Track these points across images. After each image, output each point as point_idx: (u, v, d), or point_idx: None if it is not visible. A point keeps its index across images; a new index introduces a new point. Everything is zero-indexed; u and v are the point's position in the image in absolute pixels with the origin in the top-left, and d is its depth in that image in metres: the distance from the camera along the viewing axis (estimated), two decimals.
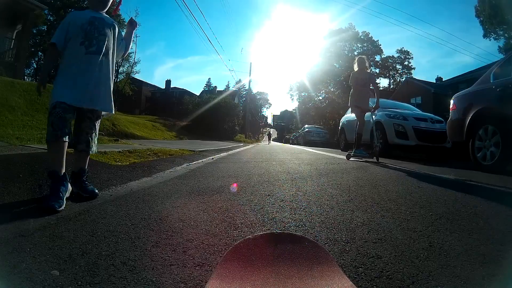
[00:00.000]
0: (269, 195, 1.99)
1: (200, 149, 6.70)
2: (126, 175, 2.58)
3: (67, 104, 1.65)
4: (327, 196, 2.00)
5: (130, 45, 2.11)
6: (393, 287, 0.83)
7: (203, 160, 4.47)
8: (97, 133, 1.89)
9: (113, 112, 1.89)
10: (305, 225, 1.39)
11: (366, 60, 5.63)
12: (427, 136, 6.47)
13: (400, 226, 1.37)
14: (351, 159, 5.28)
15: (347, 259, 1.01)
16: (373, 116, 7.22)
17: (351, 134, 8.63)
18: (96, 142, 1.88)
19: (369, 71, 5.84)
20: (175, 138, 15.78)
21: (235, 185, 2.31)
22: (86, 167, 1.88)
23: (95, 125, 1.86)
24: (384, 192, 2.17)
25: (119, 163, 3.41)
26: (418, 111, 7.86)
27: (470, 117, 4.48)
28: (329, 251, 1.08)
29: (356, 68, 5.59)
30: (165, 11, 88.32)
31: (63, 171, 1.65)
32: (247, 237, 0.95)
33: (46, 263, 0.94)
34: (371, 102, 5.72)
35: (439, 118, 7.18)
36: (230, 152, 7.40)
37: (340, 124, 9.95)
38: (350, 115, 9.33)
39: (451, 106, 5.15)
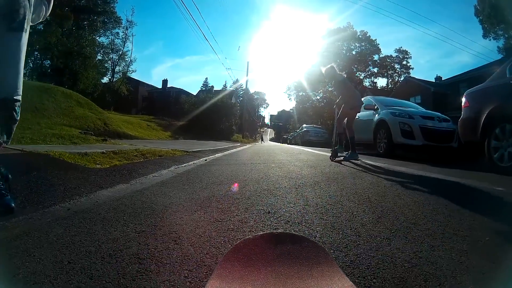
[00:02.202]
0: (269, 212, 1.58)
1: (194, 150, 6.31)
2: (100, 181, 2.19)
3: None
4: (345, 213, 1.58)
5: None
6: None
7: (195, 162, 4.07)
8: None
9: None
10: None
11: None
12: (434, 136, 6.13)
13: (459, 263, 0.98)
14: (337, 158, 4.95)
15: None
16: (376, 115, 6.90)
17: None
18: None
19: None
20: (170, 138, 15.36)
21: (225, 195, 1.92)
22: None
23: None
24: (413, 203, 1.79)
25: (99, 166, 3.03)
26: (423, 109, 7.52)
27: (485, 115, 4.13)
28: None
29: (336, 75, 5.20)
30: (162, 9, 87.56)
31: None
32: (247, 237, 0.93)
33: None
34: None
35: (446, 116, 6.84)
36: (225, 152, 7.01)
37: None
38: None
39: (463, 104, 4.80)
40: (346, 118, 5.08)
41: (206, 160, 4.45)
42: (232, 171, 3.30)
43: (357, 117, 5.32)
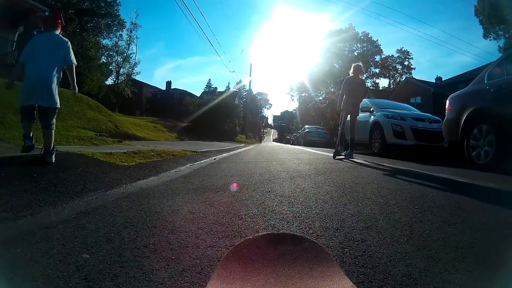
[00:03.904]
0: (269, 191, 2.14)
1: (202, 150, 6.84)
2: (134, 174, 2.73)
3: None
4: (323, 192, 2.16)
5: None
6: (373, 264, 0.97)
7: (205, 160, 4.62)
8: None
9: None
10: (301, 216, 1.54)
11: (362, 68, 5.87)
12: (425, 136, 6.61)
13: (387, 218, 1.52)
14: (337, 157, 5.44)
15: (335, 242, 1.18)
16: (372, 117, 7.39)
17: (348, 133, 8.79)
18: None
19: (363, 78, 6.09)
20: (176, 139, 15.96)
21: (237, 184, 2.46)
22: None
23: None
24: (377, 188, 2.32)
25: (125, 164, 3.57)
26: (416, 111, 8.00)
27: (465, 117, 4.62)
28: (321, 236, 1.23)
29: (351, 73, 5.77)
30: (165, 11, 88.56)
31: None
32: (247, 237, 0.97)
33: (75, 249, 1.08)
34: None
35: (437, 118, 7.31)
36: (231, 152, 7.56)
37: None
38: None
39: (446, 106, 5.29)
40: (348, 119, 5.59)
41: (215, 159, 5.00)
42: (240, 167, 3.85)
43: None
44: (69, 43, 3.12)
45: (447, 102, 5.33)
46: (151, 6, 76.65)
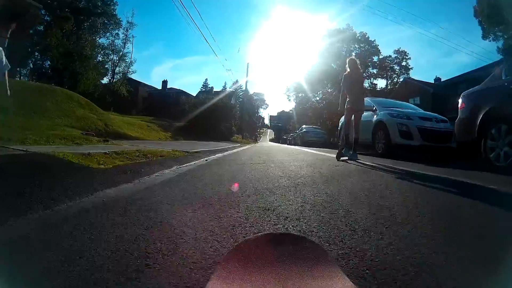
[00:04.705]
0: (269, 209, 1.63)
1: (194, 150, 6.38)
2: (105, 180, 2.25)
3: None
4: (342, 211, 1.59)
5: None
6: None
7: (195, 162, 4.14)
8: None
9: None
10: None
11: (357, 61, 5.49)
12: (432, 136, 6.21)
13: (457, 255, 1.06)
14: (341, 158, 5.03)
15: None
16: (375, 116, 6.98)
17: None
18: None
19: (361, 71, 5.66)
20: (171, 139, 15.44)
21: (226, 195, 1.99)
22: None
23: None
24: (402, 202, 1.87)
25: (102, 166, 3.09)
26: (421, 111, 7.61)
27: (481, 115, 4.22)
28: None
29: (348, 69, 5.36)
30: (161, 10, 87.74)
31: None
32: (247, 237, 0.94)
33: None
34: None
35: (444, 117, 6.93)
36: (225, 153, 7.08)
37: (340, 124, 9.65)
38: None
39: (459, 105, 4.89)
40: (352, 118, 5.16)
41: (206, 160, 4.52)
42: (233, 171, 3.37)
43: None
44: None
45: (460, 100, 4.92)
46: (148, 5, 75.74)
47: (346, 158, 4.99)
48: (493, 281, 0.87)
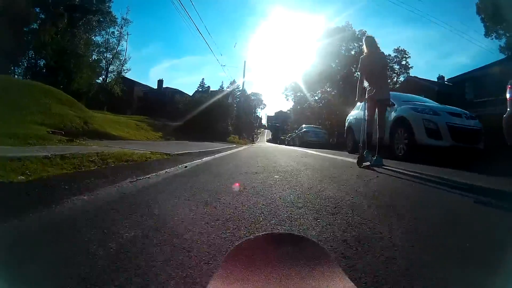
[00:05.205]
0: None
1: (179, 152, 5.30)
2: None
3: None
4: None
5: None
6: None
7: (169, 170, 3.03)
8: None
9: None
10: None
11: (375, 39, 4.44)
12: (463, 136, 5.18)
13: None
14: (364, 163, 3.98)
15: None
16: (392, 112, 5.93)
17: (360, 133, 7.32)
18: None
19: (381, 51, 4.56)
20: (161, 139, 14.29)
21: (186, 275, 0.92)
22: None
23: None
24: None
25: (22, 178, 2.04)
26: (443, 106, 6.56)
27: None
28: None
29: (365, 50, 4.33)
30: (159, 9, 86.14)
31: None
32: (248, 237, 0.94)
33: None
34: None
35: (471, 113, 5.91)
36: (216, 155, 6.01)
37: (347, 122, 8.61)
38: (357, 112, 8.03)
39: (508, 95, 3.86)
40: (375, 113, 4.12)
41: (186, 167, 3.39)
42: (213, 190, 2.14)
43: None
44: None
45: (508, 91, 3.89)
46: (144, 3, 74.18)
47: (368, 163, 3.94)
48: None
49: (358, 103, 8.64)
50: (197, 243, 1.09)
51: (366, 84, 4.21)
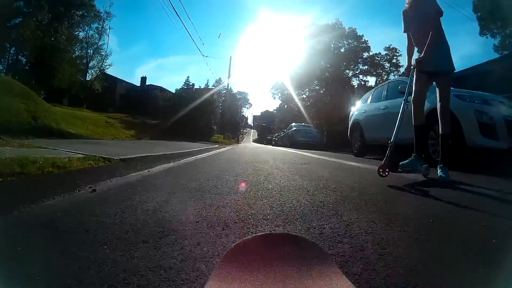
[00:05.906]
0: None
1: (132, 156, 3.69)
2: None
3: None
4: None
5: None
6: None
7: (87, 188, 1.42)
8: None
9: None
10: None
11: None
12: None
13: None
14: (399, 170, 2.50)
15: None
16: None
17: (374, 131, 5.87)
18: None
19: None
20: (132, 138, 12.50)
21: None
22: None
23: None
24: None
25: None
26: (489, 94, 5.12)
27: None
28: None
29: (407, 2, 2.92)
30: (145, 7, 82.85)
31: None
32: (245, 238, 0.93)
33: None
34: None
35: None
36: (188, 159, 4.40)
37: (351, 119, 7.13)
38: (367, 106, 6.59)
39: None
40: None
41: (94, 190, 1.75)
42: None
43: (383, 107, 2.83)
44: None
45: None
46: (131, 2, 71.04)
47: (413, 173, 2.46)
48: None
49: (366, 95, 7.31)
50: None
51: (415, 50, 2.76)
